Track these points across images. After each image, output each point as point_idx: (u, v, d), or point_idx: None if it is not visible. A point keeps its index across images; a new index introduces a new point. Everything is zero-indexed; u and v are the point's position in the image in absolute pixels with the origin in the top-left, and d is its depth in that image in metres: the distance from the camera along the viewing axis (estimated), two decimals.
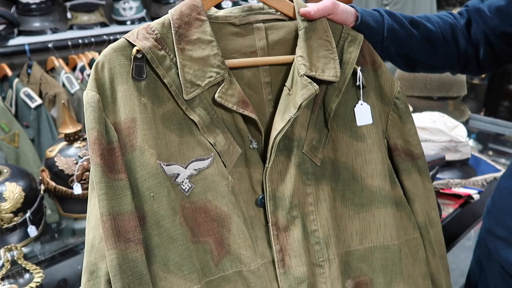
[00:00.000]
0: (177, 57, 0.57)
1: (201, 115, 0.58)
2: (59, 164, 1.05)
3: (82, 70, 2.09)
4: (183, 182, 0.57)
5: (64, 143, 1.09)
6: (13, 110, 1.93)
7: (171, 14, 0.58)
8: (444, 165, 1.17)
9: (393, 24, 0.71)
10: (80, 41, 2.08)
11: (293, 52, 0.64)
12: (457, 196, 1.08)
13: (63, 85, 2.00)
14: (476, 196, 1.08)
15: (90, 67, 2.11)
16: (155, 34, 0.57)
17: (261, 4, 0.65)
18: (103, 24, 2.29)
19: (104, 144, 0.54)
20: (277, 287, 0.61)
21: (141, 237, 0.54)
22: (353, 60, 0.65)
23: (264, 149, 0.62)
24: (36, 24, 2.10)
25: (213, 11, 0.63)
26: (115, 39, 2.20)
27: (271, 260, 0.61)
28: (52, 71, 2.09)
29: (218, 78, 0.57)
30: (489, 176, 1.18)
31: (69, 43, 2.06)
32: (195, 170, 0.58)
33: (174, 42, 0.57)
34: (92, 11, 2.24)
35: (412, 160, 0.72)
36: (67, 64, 2.11)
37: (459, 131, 1.23)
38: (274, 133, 0.60)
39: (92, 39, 2.12)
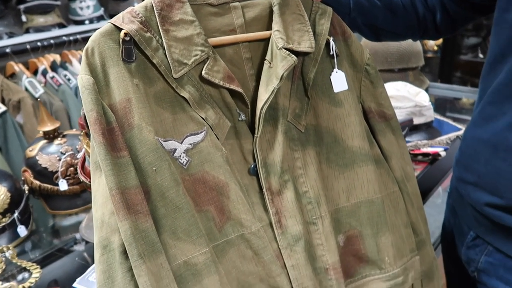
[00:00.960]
0: (162, 38, 0.59)
1: (190, 92, 0.61)
2: (42, 162, 1.05)
3: (45, 73, 2.04)
4: (180, 156, 0.60)
5: (44, 141, 1.08)
6: None
7: None
8: (412, 128, 1.26)
9: None
10: (39, 43, 2.03)
11: (269, 28, 0.67)
12: (425, 155, 1.17)
13: (26, 89, 1.94)
14: (443, 153, 1.18)
15: (52, 70, 2.07)
16: (139, 17, 0.59)
17: None
18: (61, 25, 2.24)
19: (104, 124, 0.55)
20: (277, 246, 0.64)
21: (148, 209, 0.56)
22: (325, 32, 0.70)
23: (252, 121, 0.66)
24: None
25: None
26: (76, 40, 2.17)
27: (269, 223, 0.65)
28: (12, 76, 2.02)
29: (203, 56, 0.60)
30: (452, 134, 1.28)
31: (28, 46, 2.01)
32: (191, 144, 0.61)
33: (158, 24, 0.59)
34: (48, 12, 2.18)
35: (385, 121, 0.78)
36: (27, 68, 2.05)
37: (422, 97, 1.33)
38: (260, 104, 0.64)
39: (52, 41, 2.08)
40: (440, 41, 2.91)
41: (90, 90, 0.55)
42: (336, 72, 0.72)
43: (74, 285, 0.84)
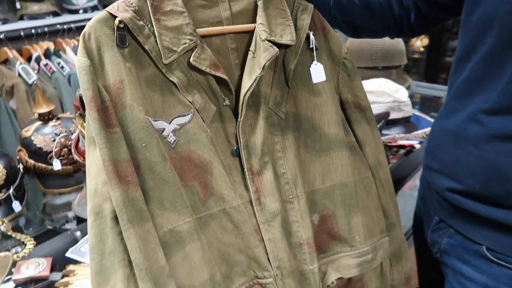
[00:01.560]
0: (154, 27, 0.64)
1: (179, 77, 0.66)
2: (37, 142, 1.09)
3: (38, 60, 2.07)
4: (168, 135, 0.65)
5: (39, 122, 1.13)
6: None
7: None
8: (390, 122, 1.33)
9: None
10: (33, 31, 2.06)
11: (253, 21, 0.72)
12: (401, 147, 1.24)
13: (20, 76, 1.97)
14: (418, 146, 1.25)
15: (46, 57, 2.10)
16: (133, 7, 0.64)
17: None
18: (55, 14, 2.26)
19: (99, 102, 0.60)
20: (255, 222, 0.70)
21: (138, 181, 0.61)
22: (306, 26, 0.75)
23: (235, 106, 0.71)
24: None
25: None
26: (69, 29, 2.20)
27: (249, 201, 0.70)
28: (6, 62, 2.05)
29: (192, 44, 0.65)
30: (428, 129, 1.35)
31: (22, 33, 2.03)
32: (178, 125, 0.65)
33: (150, 14, 0.64)
34: (42, 0, 2.20)
35: (361, 112, 0.84)
36: (21, 55, 2.08)
37: (402, 93, 1.40)
38: (243, 91, 0.69)
39: (46, 29, 2.11)
40: (426, 42, 3.00)
41: (87, 71, 0.60)
42: (315, 64, 0.77)
43: (66, 254, 0.90)
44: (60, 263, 0.89)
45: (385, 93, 1.34)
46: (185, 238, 0.62)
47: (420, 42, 2.97)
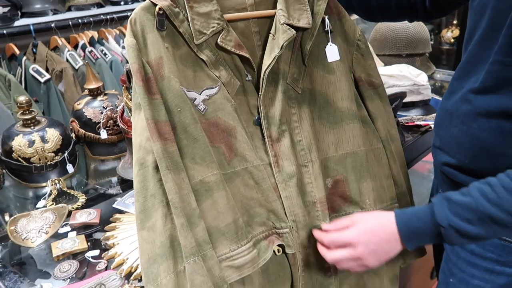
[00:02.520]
0: (187, 13, 0.74)
1: (208, 55, 0.76)
2: (87, 114, 1.25)
3: (84, 48, 2.23)
4: (199, 104, 0.75)
5: (89, 97, 1.28)
6: (22, 86, 2.09)
7: None
8: (409, 105, 1.40)
9: None
10: (79, 21, 2.21)
11: (274, 7, 0.81)
12: (418, 127, 1.31)
13: (67, 61, 2.15)
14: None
15: (90, 45, 2.26)
16: None
17: None
18: (99, 5, 2.42)
19: (143, 73, 0.71)
20: (274, 181, 0.79)
21: (174, 139, 0.71)
22: (322, 11, 0.83)
23: (257, 82, 0.81)
24: (37, 6, 2.23)
25: None
26: (112, 19, 2.35)
27: (268, 163, 0.79)
28: (55, 49, 2.24)
29: (219, 28, 0.76)
30: None
31: (70, 23, 2.21)
32: (207, 96, 0.76)
33: (185, 2, 0.75)
34: None
35: (374, 89, 0.91)
36: (68, 42, 2.25)
37: (422, 77, 1.46)
38: (263, 68, 0.78)
39: (91, 19, 2.25)
40: (457, 33, 2.97)
41: (133, 49, 0.72)
42: (330, 45, 0.86)
43: (113, 205, 1.04)
44: (108, 213, 1.03)
45: (405, 77, 1.41)
46: (213, 187, 0.72)
47: (450, 33, 2.95)
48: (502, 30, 0.70)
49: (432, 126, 1.32)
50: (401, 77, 1.42)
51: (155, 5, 0.73)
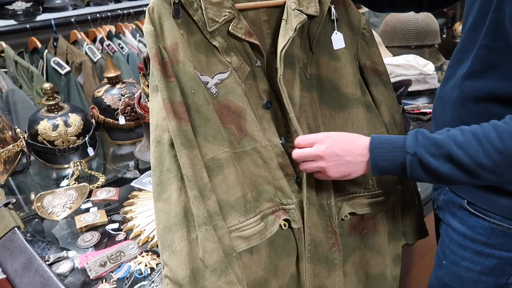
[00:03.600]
0: (201, 2, 0.79)
1: (220, 42, 0.81)
2: (107, 100, 1.32)
3: (102, 41, 2.32)
4: (211, 87, 0.80)
5: (108, 85, 1.36)
6: (44, 78, 2.18)
7: None
8: (415, 94, 1.43)
9: None
10: (98, 15, 2.30)
11: None
12: (423, 114, 1.34)
13: (86, 54, 2.24)
14: None
15: (108, 39, 2.35)
16: None
17: None
18: (117, 0, 2.51)
19: (160, 58, 0.76)
20: (281, 161, 0.83)
21: (188, 119, 0.76)
22: (328, 1, 0.87)
23: (267, 68, 0.85)
24: (58, 1, 2.33)
25: None
26: (128, 13, 2.43)
27: (275, 144, 0.83)
28: (75, 43, 2.33)
29: (230, 16, 0.80)
30: None
31: (89, 17, 2.30)
32: (219, 80, 0.80)
33: None
34: None
35: (378, 76, 0.95)
36: (87, 36, 2.34)
37: (429, 67, 1.49)
38: (279, 49, 0.82)
39: (108, 14, 2.34)
40: None
41: (151, 35, 0.77)
42: (336, 33, 0.90)
43: (131, 184, 1.11)
44: (126, 192, 1.10)
45: (412, 66, 1.44)
46: (224, 164, 0.77)
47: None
48: (487, 16, 0.72)
49: None
50: (408, 66, 1.45)
51: None
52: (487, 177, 0.70)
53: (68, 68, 2.12)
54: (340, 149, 0.77)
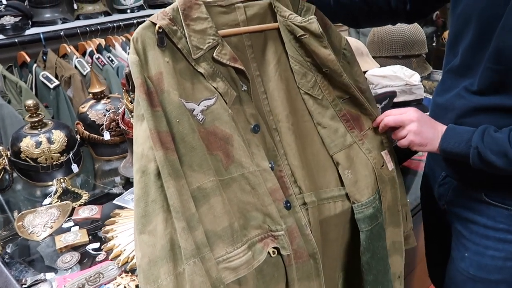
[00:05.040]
0: (185, 30, 0.80)
1: (205, 68, 0.81)
2: (91, 116, 1.31)
3: (91, 54, 2.31)
4: (197, 114, 0.79)
5: (93, 100, 1.35)
6: (33, 92, 2.17)
7: (178, 2, 0.82)
8: (401, 105, 1.43)
9: None
10: (87, 29, 2.29)
11: (265, 22, 0.87)
12: None
13: (76, 68, 2.23)
14: None
15: (98, 52, 2.33)
16: (169, 16, 0.80)
17: None
18: (106, 13, 2.50)
19: (146, 87, 0.76)
20: (270, 186, 0.82)
21: (174, 148, 0.75)
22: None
23: (253, 92, 0.85)
24: (47, 15, 2.33)
25: None
26: (118, 26, 2.43)
27: (264, 169, 0.82)
28: (64, 57, 2.32)
29: (214, 43, 0.81)
30: None
31: (78, 31, 2.29)
32: (205, 106, 0.80)
33: (182, 20, 0.80)
34: (96, 1, 2.45)
35: (362, 93, 0.95)
36: (77, 50, 2.33)
37: (414, 77, 1.49)
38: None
39: (98, 27, 2.33)
40: None
41: (137, 65, 0.77)
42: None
43: (113, 202, 1.10)
44: (109, 209, 1.08)
45: (397, 77, 1.44)
46: (210, 193, 0.75)
47: None
48: (490, 39, 0.77)
49: None
50: (394, 77, 1.45)
51: (155, 24, 0.79)
52: None
53: (57, 82, 2.11)
54: (427, 121, 0.89)
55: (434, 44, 3.07)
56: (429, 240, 1.25)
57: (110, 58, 2.31)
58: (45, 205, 1.13)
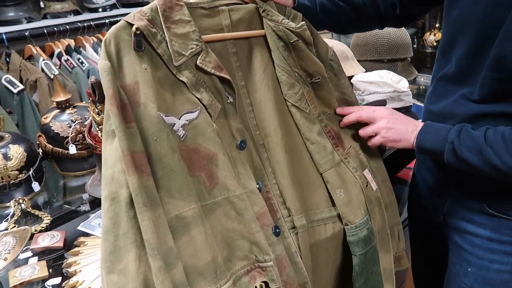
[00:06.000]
0: (165, 34, 0.71)
1: (188, 77, 0.72)
2: (55, 128, 1.19)
3: (60, 56, 2.16)
4: (178, 130, 0.71)
5: (57, 110, 1.23)
6: None
7: (157, 1, 0.73)
8: None
9: (323, 1, 0.92)
10: (55, 29, 2.14)
11: (251, 28, 0.81)
12: None
13: (42, 71, 2.08)
14: None
15: (67, 54, 2.19)
16: (147, 16, 0.71)
17: None
18: (76, 12, 2.35)
19: (118, 100, 0.66)
20: (257, 210, 0.74)
21: (150, 171, 0.66)
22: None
23: (238, 104, 0.78)
24: (11, 14, 2.16)
25: None
26: (89, 26, 2.29)
27: (251, 190, 0.74)
28: (30, 59, 2.16)
29: (198, 49, 0.73)
30: None
31: (45, 31, 2.14)
32: (187, 120, 0.72)
33: (162, 22, 0.71)
34: None
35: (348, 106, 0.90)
36: (44, 51, 2.18)
37: (402, 83, 1.43)
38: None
39: (67, 27, 2.19)
40: (439, 36, 2.97)
41: (108, 72, 0.67)
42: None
43: (78, 228, 0.98)
44: (73, 236, 0.97)
45: (385, 84, 1.38)
46: (190, 223, 0.67)
47: (433, 37, 2.94)
48: (489, 47, 0.75)
49: None
50: (382, 83, 1.39)
51: (131, 25, 0.70)
52: (510, 173, 0.76)
53: (21, 86, 1.95)
54: (398, 118, 0.88)
55: (415, 45, 3.05)
56: (417, 255, 1.19)
57: (80, 60, 2.17)
58: (0, 231, 1.00)
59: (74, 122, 1.20)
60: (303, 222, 0.79)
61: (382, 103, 1.12)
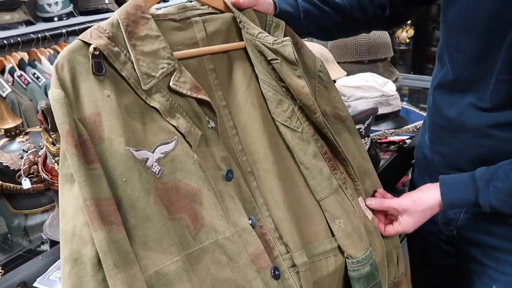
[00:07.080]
0: (130, 53, 0.60)
1: (160, 101, 0.62)
2: (3, 160, 1.03)
3: (12, 72, 2.00)
4: (152, 165, 0.60)
5: (5, 139, 1.07)
6: None
7: (118, 15, 0.62)
8: (379, 118, 1.28)
9: (307, 6, 0.83)
10: (5, 41, 1.98)
11: (229, 40, 0.71)
12: (392, 143, 1.19)
13: None
14: (408, 141, 1.20)
15: (20, 69, 2.03)
16: (107, 33, 0.60)
17: (194, 3, 0.71)
18: (28, 23, 2.18)
19: (76, 136, 0.55)
20: (252, 250, 0.64)
21: (121, 220, 0.56)
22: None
23: (221, 128, 0.68)
24: None
25: (153, 10, 0.68)
26: (44, 37, 2.13)
27: (243, 228, 0.65)
28: None
29: (170, 68, 0.62)
30: (419, 123, 1.31)
31: None
32: (162, 153, 0.61)
33: (126, 39, 0.60)
34: (14, 9, 2.12)
35: (341, 122, 0.82)
36: None
37: (389, 87, 1.35)
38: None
39: (19, 39, 2.02)
40: (412, 33, 2.96)
41: (61, 104, 0.55)
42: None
43: (34, 284, 0.83)
44: None
45: (372, 88, 1.29)
46: (173, 280, 0.57)
47: (405, 33, 2.94)
48: (499, 49, 0.71)
49: (407, 140, 1.22)
50: (368, 88, 1.30)
51: (88, 44, 0.59)
52: None
53: None
54: (417, 211, 0.81)
55: None
56: (418, 273, 1.12)
57: (36, 75, 2.01)
58: None
59: (27, 152, 1.04)
60: (305, 260, 0.69)
61: (374, 111, 1.03)
